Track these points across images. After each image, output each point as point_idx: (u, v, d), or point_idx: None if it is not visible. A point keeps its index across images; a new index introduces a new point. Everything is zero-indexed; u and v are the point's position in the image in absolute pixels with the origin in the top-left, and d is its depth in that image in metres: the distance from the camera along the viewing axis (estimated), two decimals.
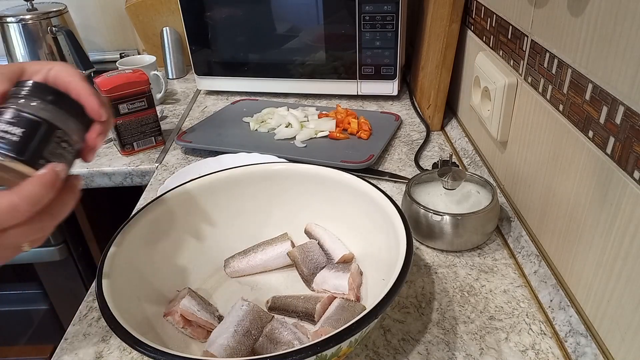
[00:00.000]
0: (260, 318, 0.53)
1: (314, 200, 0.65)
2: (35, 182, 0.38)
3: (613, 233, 0.46)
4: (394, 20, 1.02)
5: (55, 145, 0.41)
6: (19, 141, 0.39)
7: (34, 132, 0.40)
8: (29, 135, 0.39)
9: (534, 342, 0.54)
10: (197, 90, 1.26)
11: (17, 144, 0.39)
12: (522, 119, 0.66)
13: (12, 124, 0.39)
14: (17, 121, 0.39)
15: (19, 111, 0.39)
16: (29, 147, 0.39)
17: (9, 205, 0.37)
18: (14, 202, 0.37)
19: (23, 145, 0.39)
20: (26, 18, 1.17)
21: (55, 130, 0.41)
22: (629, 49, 0.42)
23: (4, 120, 0.39)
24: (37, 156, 0.40)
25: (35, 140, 0.39)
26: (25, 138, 0.39)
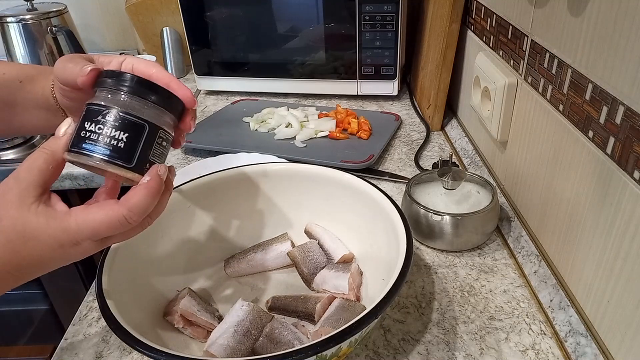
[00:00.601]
0: (260, 318, 0.53)
1: (314, 200, 0.65)
2: (144, 193, 0.39)
3: (613, 233, 0.46)
4: (394, 20, 1.02)
5: (158, 146, 0.40)
6: (125, 148, 0.38)
7: (140, 137, 0.39)
8: (135, 140, 0.39)
9: (534, 342, 0.54)
10: (197, 90, 1.26)
11: (124, 151, 0.38)
12: (522, 119, 0.66)
13: (117, 128, 0.38)
14: (122, 125, 0.38)
15: (124, 113, 0.38)
16: (135, 153, 0.39)
17: (121, 220, 0.38)
18: (125, 215, 0.38)
19: (131, 152, 0.38)
20: (26, 18, 1.17)
21: (158, 131, 0.40)
22: (629, 49, 0.42)
23: (109, 123, 0.38)
24: (144, 161, 0.39)
25: (141, 144, 0.39)
26: (132, 143, 0.38)
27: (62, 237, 0.37)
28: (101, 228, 0.38)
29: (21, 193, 0.37)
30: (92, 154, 0.38)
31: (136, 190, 0.39)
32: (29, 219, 0.37)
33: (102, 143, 0.38)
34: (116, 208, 0.38)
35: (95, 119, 0.38)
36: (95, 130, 0.38)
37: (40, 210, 0.37)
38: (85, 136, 0.38)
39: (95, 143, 0.38)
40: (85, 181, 0.93)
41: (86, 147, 0.38)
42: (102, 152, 0.38)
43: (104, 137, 0.38)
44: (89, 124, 0.38)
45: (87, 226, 0.38)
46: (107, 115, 0.38)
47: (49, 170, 0.39)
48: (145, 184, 0.39)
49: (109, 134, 0.38)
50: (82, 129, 0.38)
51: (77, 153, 0.38)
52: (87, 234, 0.38)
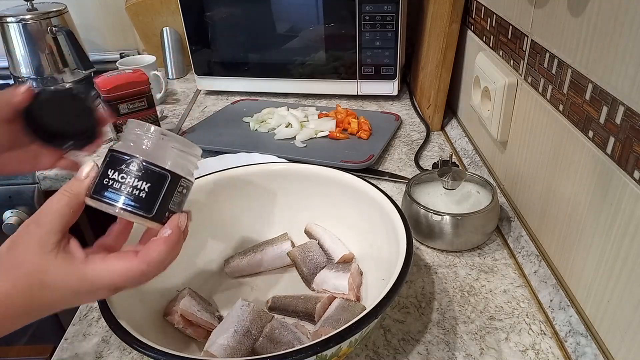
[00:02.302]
0: (260, 318, 0.53)
1: (314, 200, 0.65)
2: (163, 248, 0.38)
3: (613, 233, 0.46)
4: (394, 20, 1.02)
5: (178, 194, 0.40)
6: (147, 198, 0.38)
7: (161, 186, 0.39)
8: (157, 190, 0.39)
9: (534, 342, 0.54)
10: (197, 90, 1.26)
11: (145, 201, 0.38)
12: (522, 119, 0.66)
13: (140, 178, 0.38)
14: (145, 175, 0.38)
15: (147, 163, 0.39)
16: (156, 203, 0.39)
17: (139, 274, 0.38)
18: (144, 270, 0.38)
19: (152, 202, 0.39)
20: (26, 18, 1.17)
21: (179, 180, 0.40)
22: (629, 49, 0.42)
23: (132, 173, 0.38)
24: (164, 210, 0.40)
25: (162, 194, 0.39)
26: (154, 193, 0.39)
27: (79, 286, 0.38)
28: (119, 281, 0.38)
29: (41, 239, 0.37)
30: (113, 203, 0.38)
31: (156, 245, 0.39)
32: (49, 268, 0.37)
33: (124, 192, 0.38)
34: (136, 262, 0.38)
35: (119, 167, 0.38)
36: (118, 180, 0.38)
37: (59, 258, 0.37)
38: (107, 184, 0.38)
39: (117, 192, 0.38)
40: None
41: (108, 195, 0.38)
42: (123, 202, 0.38)
43: (126, 187, 0.38)
44: (112, 172, 0.39)
45: (105, 277, 0.38)
46: (130, 165, 0.38)
47: (69, 214, 0.39)
48: (166, 238, 0.39)
49: (132, 183, 0.38)
50: (105, 176, 0.39)
51: (99, 201, 0.39)
52: (104, 284, 0.38)
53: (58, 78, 1.24)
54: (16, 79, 1.24)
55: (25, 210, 0.97)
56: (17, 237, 0.38)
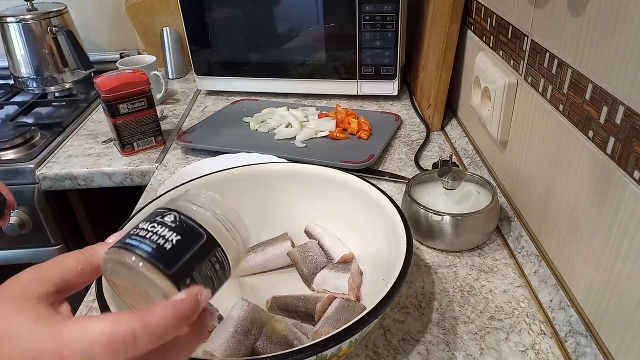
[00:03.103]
0: (260, 318, 0.53)
1: (314, 200, 0.65)
2: (169, 312, 0.29)
3: (613, 233, 0.46)
4: (394, 20, 1.02)
5: (208, 265, 0.34)
6: (172, 250, 0.32)
7: (193, 244, 0.33)
8: (186, 246, 0.33)
9: (534, 342, 0.54)
10: (197, 90, 1.26)
11: (169, 254, 0.32)
12: (522, 119, 0.66)
13: (171, 229, 0.33)
14: (177, 226, 0.33)
15: (185, 217, 0.34)
16: (181, 260, 0.32)
17: (128, 335, 0.28)
18: (134, 332, 0.28)
19: (175, 257, 0.32)
20: (26, 18, 1.17)
21: (215, 248, 0.34)
22: (629, 49, 0.42)
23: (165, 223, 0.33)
24: (185, 273, 0.32)
25: (190, 254, 0.33)
26: (181, 248, 0.32)
27: (44, 346, 0.28)
28: (98, 342, 0.28)
29: (28, 284, 0.31)
30: (129, 249, 0.32)
31: (161, 306, 0.30)
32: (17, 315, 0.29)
33: (147, 240, 0.32)
34: (127, 319, 0.28)
35: (153, 218, 0.34)
36: (147, 228, 0.33)
37: (37, 308, 0.29)
38: (133, 233, 0.33)
39: (140, 239, 0.32)
40: (85, 181, 0.93)
41: (128, 241, 0.32)
42: (142, 249, 0.32)
43: (152, 235, 0.32)
44: (144, 223, 0.34)
45: (81, 337, 0.28)
46: (166, 216, 0.34)
47: (76, 270, 0.33)
48: (176, 302, 0.30)
49: (160, 232, 0.33)
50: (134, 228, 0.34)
51: (115, 247, 0.33)
52: (78, 346, 0.28)
53: (58, 78, 1.24)
54: (16, 79, 1.24)
55: (25, 210, 0.97)
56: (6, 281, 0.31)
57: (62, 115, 1.15)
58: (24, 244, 1.02)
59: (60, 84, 1.25)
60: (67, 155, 0.98)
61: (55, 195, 0.98)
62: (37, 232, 1.00)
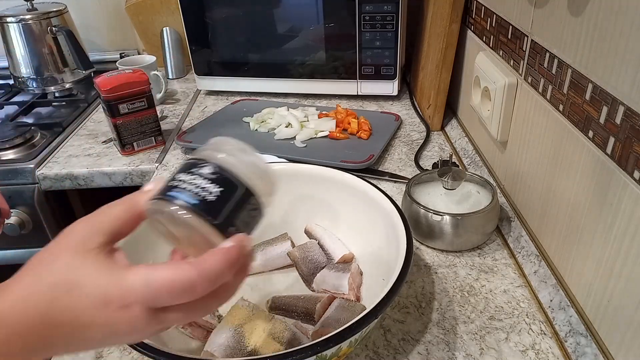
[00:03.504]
0: (261, 318, 0.53)
1: (314, 200, 0.65)
2: (221, 258, 0.32)
3: (613, 233, 0.46)
4: (394, 20, 1.02)
5: (247, 214, 0.36)
6: (216, 202, 0.34)
7: (232, 195, 0.35)
8: (227, 197, 0.35)
9: (534, 342, 0.54)
10: (197, 90, 1.26)
11: (214, 205, 0.34)
12: (522, 119, 0.66)
13: (211, 180, 0.34)
14: (217, 178, 0.35)
15: (221, 169, 0.35)
16: (224, 210, 0.34)
17: (187, 282, 0.31)
18: (193, 279, 0.31)
19: (219, 208, 0.34)
20: (26, 18, 1.17)
21: (251, 197, 0.36)
22: (629, 49, 0.42)
23: (203, 175, 0.35)
24: (229, 222, 0.35)
25: (233, 204, 0.35)
26: (223, 200, 0.34)
27: (111, 291, 0.31)
28: (162, 289, 0.31)
29: (85, 235, 0.33)
30: (176, 200, 0.33)
31: (213, 254, 0.33)
32: (82, 265, 0.32)
33: (191, 192, 0.34)
34: (186, 268, 0.31)
35: (190, 170, 0.35)
36: (186, 180, 0.34)
37: (98, 259, 0.32)
38: (173, 185, 0.34)
39: (182, 191, 0.34)
40: (85, 181, 0.93)
41: (171, 193, 0.34)
42: (187, 200, 0.33)
43: (194, 186, 0.34)
44: (181, 174, 0.35)
45: (145, 284, 0.31)
46: (203, 168, 0.35)
47: (124, 220, 0.35)
48: (226, 249, 0.33)
49: (201, 184, 0.34)
50: (172, 180, 0.35)
51: (160, 200, 0.34)
52: (142, 293, 0.31)
53: (58, 78, 1.24)
54: (16, 79, 1.24)
55: (25, 210, 0.97)
56: (60, 235, 0.34)
57: (62, 115, 1.15)
58: (24, 244, 1.02)
59: (60, 84, 1.25)
60: (67, 155, 0.98)
61: (55, 195, 0.98)
62: (37, 232, 1.00)
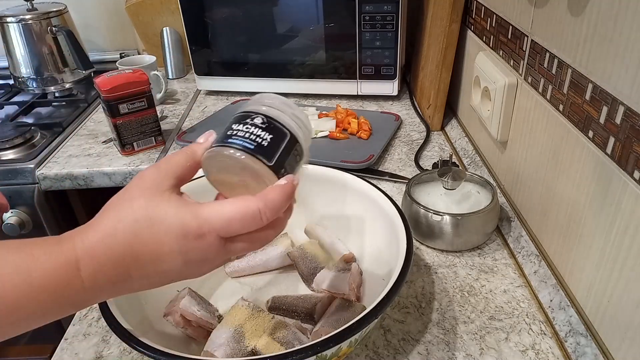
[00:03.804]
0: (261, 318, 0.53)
1: (314, 200, 0.65)
2: (280, 191, 0.38)
3: (613, 233, 0.46)
4: (394, 20, 1.02)
5: (293, 158, 0.41)
6: (269, 146, 0.39)
7: (282, 141, 0.40)
8: (278, 143, 0.40)
9: (534, 342, 0.54)
10: (197, 90, 1.26)
11: (267, 149, 0.39)
12: (522, 119, 0.66)
13: (263, 129, 0.39)
14: (267, 127, 0.40)
15: (270, 119, 0.40)
16: (276, 154, 0.39)
17: (255, 212, 0.37)
18: (260, 208, 0.37)
19: (272, 152, 0.39)
20: (26, 18, 1.17)
21: (296, 144, 0.41)
22: (629, 49, 0.42)
23: (256, 125, 0.40)
24: (281, 164, 0.40)
25: (282, 148, 0.40)
26: (274, 145, 0.39)
27: (190, 223, 0.36)
28: (234, 219, 0.36)
29: (157, 178, 0.38)
30: (235, 145, 0.38)
31: (273, 188, 0.38)
32: (160, 203, 0.36)
33: (247, 139, 0.39)
34: (253, 200, 0.37)
35: (243, 121, 0.40)
36: (242, 129, 0.39)
37: (172, 197, 0.37)
38: (230, 134, 0.39)
39: (239, 138, 0.39)
40: (85, 181, 0.93)
41: (230, 141, 0.39)
42: (245, 145, 0.38)
43: (249, 134, 0.39)
44: (235, 125, 0.40)
45: (219, 215, 0.36)
46: (255, 119, 0.40)
47: (186, 166, 0.40)
48: (282, 185, 0.39)
49: (255, 132, 0.39)
50: (228, 129, 0.40)
51: (220, 146, 0.39)
52: (216, 223, 0.36)
53: (58, 78, 1.24)
54: (16, 79, 1.24)
55: (25, 210, 0.97)
56: (134, 180, 0.38)
57: (62, 115, 1.15)
58: None
59: (60, 84, 1.25)
60: (67, 155, 0.98)
61: (55, 195, 0.98)
62: (37, 232, 1.00)
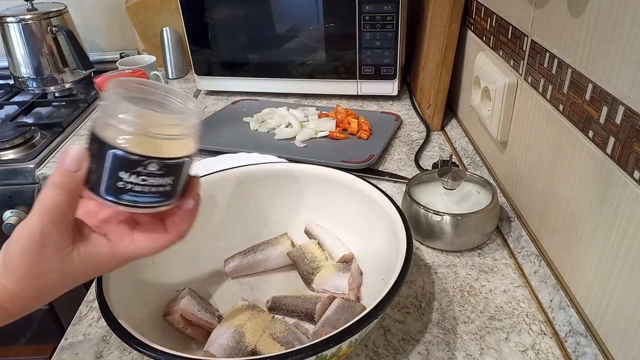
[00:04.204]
0: (260, 318, 0.53)
1: (314, 200, 0.65)
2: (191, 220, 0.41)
3: (613, 233, 0.46)
4: (394, 20, 1.02)
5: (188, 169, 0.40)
6: (171, 189, 0.38)
7: (183, 173, 0.38)
8: (180, 178, 0.38)
9: (534, 342, 0.54)
10: (197, 90, 1.26)
11: (171, 192, 0.38)
12: (522, 119, 0.66)
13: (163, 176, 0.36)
14: (167, 172, 0.36)
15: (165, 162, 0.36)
16: (178, 188, 0.39)
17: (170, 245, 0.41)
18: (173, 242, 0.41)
19: (175, 190, 0.38)
20: (26, 18, 1.17)
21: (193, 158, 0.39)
22: (629, 49, 0.42)
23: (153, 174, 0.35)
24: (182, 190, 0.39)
25: (182, 178, 0.38)
26: (176, 183, 0.38)
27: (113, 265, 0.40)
28: (150, 254, 0.40)
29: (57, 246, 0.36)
30: (138, 205, 0.36)
31: (184, 218, 0.40)
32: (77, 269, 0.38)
33: (148, 194, 0.36)
34: (168, 239, 0.40)
35: (135, 170, 0.35)
36: (138, 182, 0.35)
37: (82, 257, 0.38)
38: (125, 188, 0.35)
39: (139, 194, 0.36)
40: None
41: (129, 198, 0.36)
42: (149, 201, 0.36)
43: (150, 188, 0.36)
44: (126, 174, 0.35)
45: (137, 255, 0.40)
46: (149, 167, 0.35)
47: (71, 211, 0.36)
48: (192, 210, 0.41)
49: (155, 183, 0.36)
50: (116, 179, 0.35)
51: (117, 203, 0.36)
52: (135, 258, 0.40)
53: (58, 78, 1.24)
54: (16, 79, 1.24)
55: (25, 210, 0.97)
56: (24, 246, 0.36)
57: (62, 115, 1.15)
58: None
59: (60, 84, 1.25)
60: None
61: None
62: None
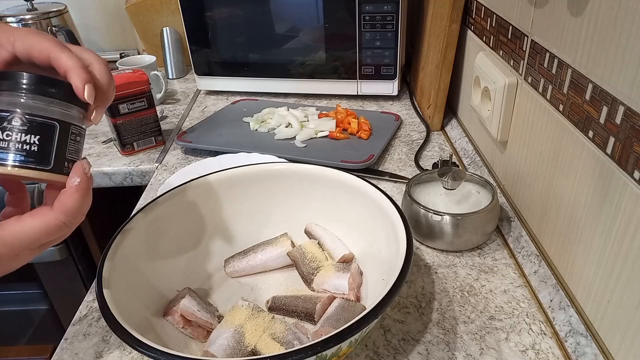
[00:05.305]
0: (261, 318, 0.53)
1: (314, 200, 0.65)
2: (77, 196, 0.37)
3: (613, 233, 0.46)
4: (394, 20, 1.02)
5: (72, 143, 0.38)
6: (40, 150, 0.36)
7: (52, 137, 0.36)
8: (48, 141, 0.36)
9: (534, 342, 0.54)
10: (197, 90, 1.26)
11: (39, 154, 0.36)
12: (522, 119, 0.66)
13: (27, 132, 0.35)
14: (31, 127, 0.35)
15: (30, 115, 0.36)
16: (51, 154, 0.36)
17: (60, 226, 0.37)
18: (63, 221, 0.37)
19: (45, 154, 0.36)
20: (26, 18, 1.17)
21: (70, 127, 0.37)
22: (629, 49, 0.42)
23: (16, 128, 0.35)
24: (61, 161, 0.37)
25: (55, 144, 0.36)
26: (45, 145, 0.36)
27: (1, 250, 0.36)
28: (40, 237, 0.37)
29: None
30: (4, 162, 0.35)
31: (69, 194, 0.37)
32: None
33: (13, 149, 0.35)
34: (53, 216, 0.37)
35: (1, 125, 0.35)
36: (3, 138, 0.35)
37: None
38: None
39: (5, 150, 0.35)
40: None
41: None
42: (14, 159, 0.35)
43: (14, 143, 0.35)
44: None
45: (25, 237, 0.37)
46: (12, 120, 0.35)
47: None
48: (77, 186, 0.38)
49: (19, 139, 0.35)
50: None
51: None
52: (26, 244, 0.37)
53: None
54: None
55: None
56: None
57: None
58: None
59: None
60: None
61: None
62: None
